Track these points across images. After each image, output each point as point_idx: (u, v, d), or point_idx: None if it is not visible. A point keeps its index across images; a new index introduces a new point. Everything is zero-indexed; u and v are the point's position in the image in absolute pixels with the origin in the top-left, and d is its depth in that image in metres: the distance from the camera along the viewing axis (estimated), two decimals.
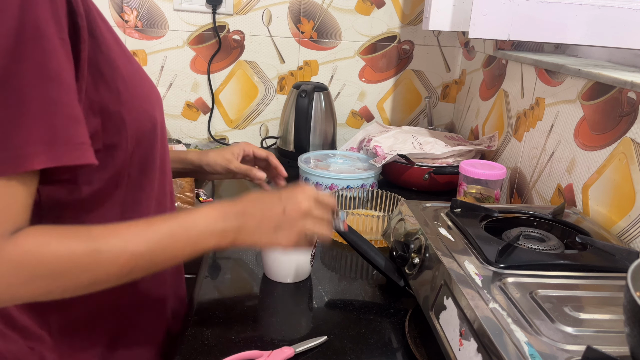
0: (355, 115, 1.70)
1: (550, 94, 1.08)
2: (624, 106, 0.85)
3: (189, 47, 1.59)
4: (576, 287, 0.63)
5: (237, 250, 0.98)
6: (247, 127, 1.69)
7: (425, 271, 0.70)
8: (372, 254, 0.83)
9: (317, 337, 0.71)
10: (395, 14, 1.60)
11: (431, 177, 1.27)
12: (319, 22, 1.60)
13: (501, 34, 1.00)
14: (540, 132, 1.11)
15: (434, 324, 0.63)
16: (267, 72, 1.64)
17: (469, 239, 0.73)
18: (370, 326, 0.76)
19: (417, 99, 1.70)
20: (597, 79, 0.90)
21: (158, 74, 1.61)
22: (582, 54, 1.22)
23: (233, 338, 0.71)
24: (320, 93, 1.46)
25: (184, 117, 1.67)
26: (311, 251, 0.86)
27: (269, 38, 1.61)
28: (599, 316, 0.57)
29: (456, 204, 0.84)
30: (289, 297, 0.83)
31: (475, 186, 1.08)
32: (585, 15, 0.97)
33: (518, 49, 1.34)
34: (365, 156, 1.37)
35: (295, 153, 1.41)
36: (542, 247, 0.71)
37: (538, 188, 1.10)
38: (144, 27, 1.57)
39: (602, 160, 0.89)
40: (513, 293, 0.60)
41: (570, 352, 0.50)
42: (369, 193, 1.13)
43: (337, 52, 1.63)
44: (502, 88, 1.33)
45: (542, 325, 0.54)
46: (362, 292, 0.86)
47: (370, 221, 1.00)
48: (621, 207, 0.84)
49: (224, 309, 0.78)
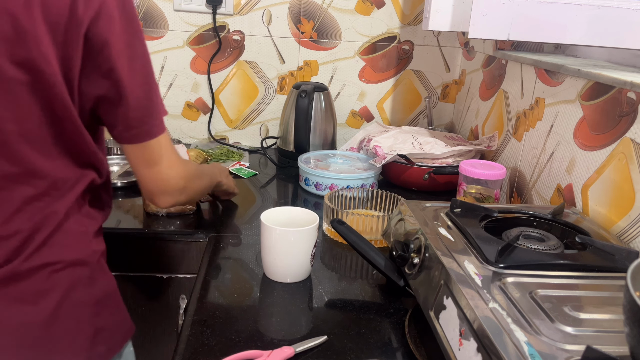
0: (355, 115, 1.70)
1: (550, 94, 1.08)
2: (624, 106, 0.85)
3: (189, 47, 1.60)
4: (576, 287, 0.63)
5: (237, 250, 0.98)
6: (247, 127, 1.69)
7: (425, 271, 0.70)
8: (372, 254, 0.83)
9: (317, 336, 0.72)
10: (395, 14, 1.60)
11: (431, 177, 1.27)
12: (319, 22, 1.60)
13: (501, 34, 1.00)
14: (539, 132, 1.11)
15: (433, 323, 0.63)
16: (267, 72, 1.64)
17: (468, 239, 0.73)
18: (370, 326, 0.76)
19: (417, 99, 1.70)
20: (597, 79, 0.90)
21: (158, 74, 1.61)
22: (581, 54, 1.23)
23: (233, 338, 0.71)
24: (320, 93, 1.46)
25: (184, 117, 1.67)
26: (311, 249, 0.86)
27: (269, 38, 1.61)
28: (598, 316, 0.57)
29: (456, 204, 0.84)
30: (289, 297, 0.83)
31: (475, 186, 1.08)
32: (585, 15, 0.97)
33: (518, 49, 1.34)
34: (365, 156, 1.37)
35: (295, 153, 1.41)
36: (542, 247, 0.71)
37: (538, 188, 1.10)
38: (144, 27, 1.57)
39: (602, 160, 0.89)
40: (513, 293, 0.60)
41: (570, 352, 0.50)
42: (369, 193, 1.13)
43: (337, 52, 1.63)
44: (501, 88, 1.33)
45: (541, 325, 0.54)
46: (362, 291, 0.86)
47: (370, 221, 1.00)
48: (621, 207, 0.84)
49: (224, 309, 0.79)
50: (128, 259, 1.06)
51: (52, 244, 0.69)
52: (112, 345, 0.76)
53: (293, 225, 0.87)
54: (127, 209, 1.14)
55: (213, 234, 1.04)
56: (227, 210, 1.17)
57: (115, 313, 0.78)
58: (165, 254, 1.06)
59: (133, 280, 1.07)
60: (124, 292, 1.07)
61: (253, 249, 0.98)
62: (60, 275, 0.69)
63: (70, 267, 0.70)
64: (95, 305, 0.73)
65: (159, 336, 1.12)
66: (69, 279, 0.70)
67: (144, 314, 1.10)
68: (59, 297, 0.69)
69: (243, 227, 1.08)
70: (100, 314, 0.74)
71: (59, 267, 0.69)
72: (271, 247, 0.85)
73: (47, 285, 0.68)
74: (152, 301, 1.09)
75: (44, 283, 0.68)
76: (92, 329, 0.72)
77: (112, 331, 0.76)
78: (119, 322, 0.78)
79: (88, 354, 0.71)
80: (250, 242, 1.02)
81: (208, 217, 1.13)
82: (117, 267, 1.06)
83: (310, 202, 1.24)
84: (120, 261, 1.06)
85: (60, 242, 0.70)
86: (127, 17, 0.67)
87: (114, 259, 1.05)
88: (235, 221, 1.11)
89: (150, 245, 1.05)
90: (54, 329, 0.68)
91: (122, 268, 1.06)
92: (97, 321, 0.73)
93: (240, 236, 1.04)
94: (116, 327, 0.77)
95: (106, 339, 0.74)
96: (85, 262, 0.72)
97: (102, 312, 0.74)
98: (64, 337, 0.69)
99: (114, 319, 0.77)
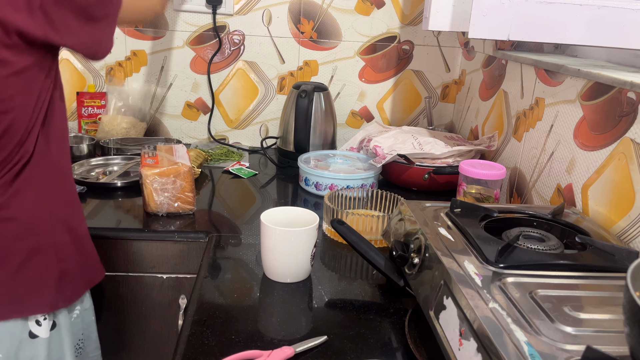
0: (355, 116, 1.70)
1: (550, 94, 1.08)
2: (624, 106, 0.85)
3: (189, 47, 1.60)
4: (576, 287, 0.63)
5: (237, 250, 0.98)
6: (247, 127, 1.69)
7: (425, 271, 0.70)
8: (372, 254, 0.83)
9: (317, 337, 0.72)
10: (395, 14, 1.61)
11: (431, 177, 1.27)
12: (319, 22, 1.60)
13: (501, 34, 1.00)
14: (539, 132, 1.11)
15: (433, 323, 0.63)
16: (267, 72, 1.64)
17: (468, 239, 0.73)
18: (370, 326, 0.76)
19: (417, 99, 1.70)
20: (597, 79, 0.90)
21: (158, 74, 1.61)
22: (581, 54, 1.23)
23: (233, 338, 0.71)
24: (320, 93, 1.46)
25: (184, 117, 1.67)
26: (311, 249, 0.86)
27: (269, 38, 1.61)
28: (598, 316, 0.57)
29: (456, 204, 0.84)
30: (289, 297, 0.83)
31: (475, 186, 1.08)
32: (585, 15, 0.97)
33: (518, 49, 1.34)
34: (365, 156, 1.37)
35: (295, 153, 1.41)
36: (542, 247, 0.71)
37: (538, 188, 1.10)
38: (145, 28, 1.57)
39: (602, 160, 0.89)
40: (513, 293, 0.60)
41: (569, 352, 0.50)
42: (369, 193, 1.13)
43: (337, 52, 1.63)
44: (501, 88, 1.33)
45: (541, 325, 0.54)
46: (361, 292, 0.86)
47: (370, 221, 1.00)
48: (621, 207, 0.84)
49: (224, 309, 0.79)
50: (128, 259, 1.06)
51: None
52: (77, 289, 0.83)
53: (293, 225, 0.87)
54: (127, 209, 1.14)
55: (213, 234, 1.04)
56: (227, 211, 1.17)
57: (83, 257, 0.84)
58: (165, 254, 1.06)
59: (133, 280, 1.07)
60: (124, 292, 1.08)
61: (253, 249, 0.98)
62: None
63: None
64: (63, 249, 0.80)
65: (159, 336, 1.12)
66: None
67: (144, 314, 1.10)
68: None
69: (243, 227, 1.08)
70: (66, 258, 0.80)
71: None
72: (271, 247, 0.85)
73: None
74: (152, 301, 1.09)
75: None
76: (57, 271, 0.79)
77: (77, 275, 0.83)
78: (87, 266, 0.86)
79: (55, 296, 0.78)
80: (250, 242, 1.02)
81: (208, 217, 1.13)
82: (117, 267, 1.06)
83: (310, 202, 1.24)
84: (120, 261, 1.06)
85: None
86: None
87: (114, 259, 1.06)
88: (235, 221, 1.11)
89: (150, 245, 1.05)
90: (20, 273, 0.75)
91: (122, 268, 1.06)
92: (63, 265, 0.80)
93: (240, 236, 1.04)
94: (83, 271, 0.84)
95: (71, 282, 0.81)
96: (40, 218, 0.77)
97: (68, 256, 0.81)
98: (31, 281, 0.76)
99: (82, 264, 0.84)
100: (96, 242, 0.89)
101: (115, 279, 1.06)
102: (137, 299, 1.09)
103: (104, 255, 0.98)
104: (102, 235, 1.03)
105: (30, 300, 0.76)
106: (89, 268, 0.87)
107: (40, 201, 0.77)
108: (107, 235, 1.04)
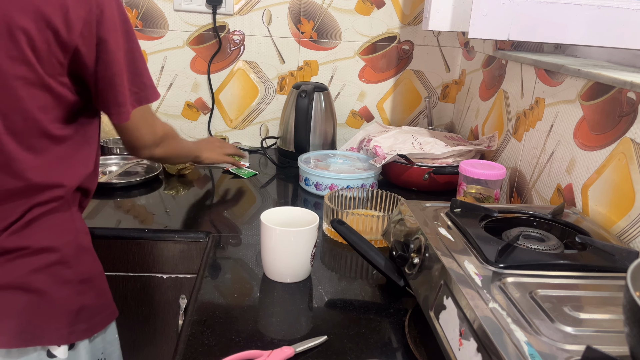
0: (355, 116, 1.70)
1: (550, 94, 1.08)
2: (624, 106, 0.85)
3: (189, 47, 1.60)
4: (576, 287, 0.63)
5: (237, 250, 0.98)
6: (247, 127, 1.69)
7: (425, 271, 0.70)
8: (372, 254, 0.83)
9: (317, 336, 0.72)
10: (395, 14, 1.61)
11: (431, 177, 1.27)
12: (319, 22, 1.60)
13: (501, 34, 1.00)
14: (539, 132, 1.11)
15: (433, 323, 0.63)
16: (267, 72, 1.64)
17: (468, 239, 0.73)
18: (370, 326, 0.76)
19: (417, 99, 1.70)
20: (597, 79, 0.90)
21: (158, 74, 1.61)
22: (581, 54, 1.23)
23: (233, 338, 0.71)
24: (320, 93, 1.46)
25: (184, 117, 1.67)
26: (311, 249, 0.86)
27: (269, 38, 1.61)
28: (598, 316, 0.57)
29: (456, 204, 0.84)
30: (289, 297, 0.83)
31: (475, 186, 1.08)
32: (585, 15, 0.97)
33: (518, 49, 1.34)
34: (365, 156, 1.37)
35: (295, 153, 1.41)
36: (542, 247, 0.71)
37: (538, 188, 1.10)
38: (144, 27, 1.57)
39: (602, 160, 0.89)
40: (513, 293, 0.60)
41: (569, 352, 0.50)
42: (369, 193, 1.13)
43: (337, 52, 1.63)
44: (501, 88, 1.33)
45: (541, 325, 0.54)
46: (361, 292, 0.86)
47: (370, 221, 1.00)
48: (621, 207, 0.84)
49: (224, 309, 0.79)
50: (128, 259, 1.06)
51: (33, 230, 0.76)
52: (93, 324, 0.82)
53: (293, 225, 0.87)
54: (127, 209, 1.14)
55: (213, 234, 1.04)
56: (227, 211, 1.17)
57: (99, 295, 0.84)
58: (165, 254, 1.06)
59: (133, 280, 1.07)
60: (124, 292, 1.08)
61: (253, 249, 0.98)
62: (37, 259, 0.76)
63: (45, 253, 0.77)
64: (79, 284, 0.80)
65: (159, 336, 1.12)
66: (45, 261, 0.77)
67: (144, 314, 1.10)
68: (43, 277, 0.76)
69: (243, 227, 1.08)
70: (84, 293, 0.80)
71: (32, 252, 0.76)
72: (271, 247, 0.85)
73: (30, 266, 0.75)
74: (152, 301, 1.09)
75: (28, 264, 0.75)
76: (76, 306, 0.79)
77: (94, 311, 0.82)
78: (102, 304, 0.85)
79: (70, 329, 0.77)
80: (250, 242, 1.02)
81: (208, 217, 1.13)
82: (117, 267, 1.06)
83: (310, 202, 1.24)
84: (120, 261, 1.06)
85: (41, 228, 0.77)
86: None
87: (114, 259, 1.06)
88: (235, 221, 1.11)
89: (150, 245, 1.05)
90: (40, 302, 0.75)
91: (122, 268, 1.06)
92: (81, 299, 0.80)
93: (240, 236, 1.04)
94: (98, 309, 0.83)
95: (88, 318, 0.81)
96: (58, 249, 0.78)
97: (85, 292, 0.81)
98: (49, 311, 0.76)
99: (98, 301, 0.84)
100: (96, 242, 0.89)
101: (115, 279, 1.05)
102: (137, 299, 1.09)
103: (104, 255, 0.97)
104: (102, 235, 1.03)
105: (49, 331, 0.76)
106: (106, 306, 0.86)
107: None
108: (107, 235, 1.04)
